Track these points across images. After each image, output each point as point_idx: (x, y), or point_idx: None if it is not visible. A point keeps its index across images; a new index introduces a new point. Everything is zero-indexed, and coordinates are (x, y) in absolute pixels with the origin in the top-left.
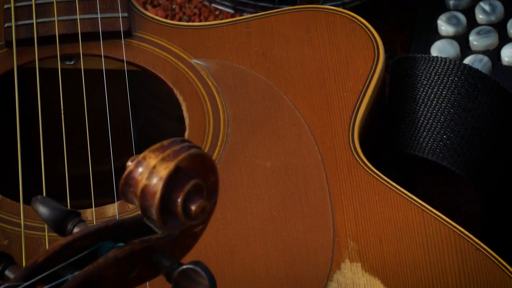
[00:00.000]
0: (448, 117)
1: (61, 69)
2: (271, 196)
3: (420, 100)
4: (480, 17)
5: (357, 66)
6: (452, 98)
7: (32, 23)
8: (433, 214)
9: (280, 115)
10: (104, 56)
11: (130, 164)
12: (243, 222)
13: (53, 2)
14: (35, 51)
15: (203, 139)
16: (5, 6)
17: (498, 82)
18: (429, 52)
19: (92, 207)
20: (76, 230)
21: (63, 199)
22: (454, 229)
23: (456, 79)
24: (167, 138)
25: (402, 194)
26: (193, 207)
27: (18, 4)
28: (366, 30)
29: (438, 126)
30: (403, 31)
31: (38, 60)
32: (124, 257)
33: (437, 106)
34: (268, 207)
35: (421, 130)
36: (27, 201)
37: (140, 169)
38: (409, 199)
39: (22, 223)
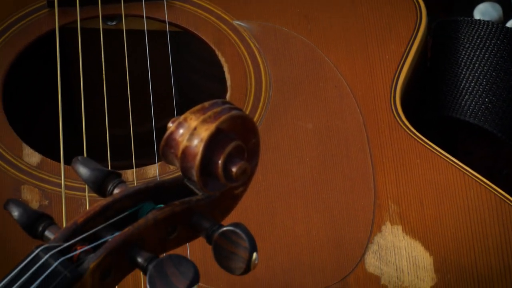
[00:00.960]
0: (490, 80)
1: (102, 29)
2: (312, 158)
3: (462, 63)
4: None
5: (399, 29)
6: (494, 61)
7: None
8: (474, 177)
9: (322, 77)
10: (146, 17)
11: (171, 125)
12: (284, 184)
13: None
14: (77, 11)
15: (244, 101)
16: None
17: None
18: (471, 15)
19: (132, 168)
20: (116, 191)
21: (104, 160)
22: (495, 192)
23: (498, 42)
24: (208, 100)
25: (444, 157)
26: (233, 169)
27: None
28: None
29: (480, 89)
30: None
31: (80, 20)
32: (164, 219)
33: (479, 70)
34: (309, 169)
35: (463, 93)
36: (67, 162)
37: (181, 131)
38: (450, 162)
39: (62, 183)
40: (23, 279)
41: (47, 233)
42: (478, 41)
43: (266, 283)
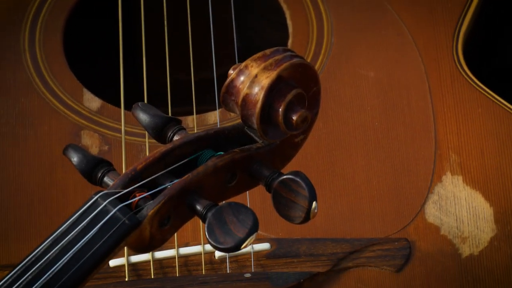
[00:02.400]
0: None
1: None
2: (373, 107)
3: None
4: None
5: None
6: None
7: None
8: None
9: (384, 25)
10: None
11: (231, 72)
12: (344, 132)
13: None
14: None
15: (306, 48)
16: None
17: None
18: None
19: (193, 114)
20: (176, 137)
21: (164, 106)
22: None
23: None
24: (269, 47)
25: (505, 107)
26: (294, 117)
27: None
28: None
29: None
30: None
31: None
32: (224, 166)
33: None
34: (370, 117)
35: None
36: (128, 107)
37: (242, 78)
38: None
39: (122, 129)
40: (81, 225)
41: (106, 179)
42: None
43: (326, 231)
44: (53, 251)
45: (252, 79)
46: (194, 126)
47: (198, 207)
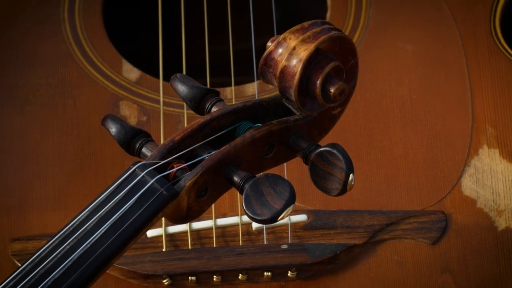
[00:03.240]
0: None
1: None
2: (411, 80)
3: None
4: None
5: None
6: None
7: None
8: None
9: None
10: None
11: (270, 44)
12: (382, 105)
13: None
14: None
15: (344, 21)
16: None
17: None
18: None
19: (231, 85)
20: (214, 109)
21: (203, 77)
22: None
23: None
24: (308, 19)
25: None
26: (332, 89)
27: None
28: None
29: None
30: None
31: None
32: (262, 138)
33: None
34: (408, 90)
35: None
36: (166, 78)
37: (280, 50)
38: None
39: (161, 100)
40: (119, 195)
41: (144, 150)
42: None
43: (362, 203)
44: (91, 221)
45: (290, 52)
46: (232, 98)
47: (236, 179)
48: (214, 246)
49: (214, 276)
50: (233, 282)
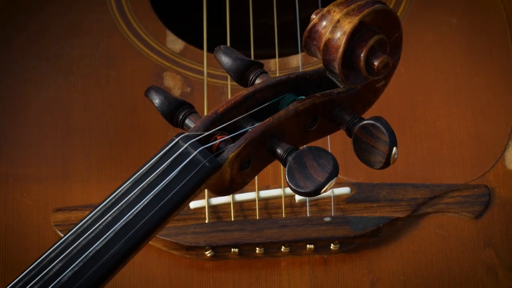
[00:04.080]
0: None
1: None
2: (455, 53)
3: None
4: None
5: None
6: None
7: None
8: None
9: None
10: None
11: (314, 17)
12: (426, 78)
13: None
14: None
15: None
16: None
17: None
18: None
19: (275, 57)
20: (258, 81)
21: (247, 49)
22: None
23: None
24: None
25: None
26: (375, 62)
27: None
28: None
29: None
30: None
31: None
32: (305, 110)
33: None
34: (452, 64)
35: None
36: (211, 49)
37: (324, 23)
38: None
39: (205, 71)
40: (162, 167)
41: (187, 121)
42: None
43: (405, 176)
44: (133, 193)
45: (334, 24)
46: (276, 70)
47: (279, 151)
48: (257, 218)
49: (257, 248)
50: (276, 255)
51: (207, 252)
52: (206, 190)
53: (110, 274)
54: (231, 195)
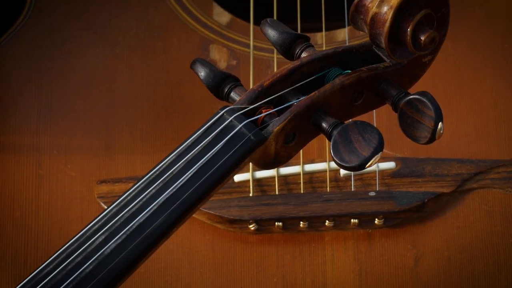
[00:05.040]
0: None
1: None
2: (503, 29)
3: None
4: None
5: None
6: None
7: None
8: None
9: None
10: None
11: None
12: (472, 53)
13: None
14: None
15: None
16: None
17: None
18: None
19: (322, 31)
20: (304, 54)
21: (293, 22)
22: None
23: None
24: None
25: None
26: (422, 37)
27: None
28: None
29: None
30: None
31: None
32: (351, 84)
33: None
34: (500, 40)
35: None
36: (257, 22)
37: None
38: None
39: (251, 44)
40: (207, 140)
41: (232, 94)
42: None
43: (451, 151)
44: (177, 165)
45: None
46: (323, 43)
47: (324, 125)
48: (301, 192)
49: (301, 222)
50: (320, 229)
51: (251, 226)
52: (250, 164)
53: (153, 247)
54: (275, 168)
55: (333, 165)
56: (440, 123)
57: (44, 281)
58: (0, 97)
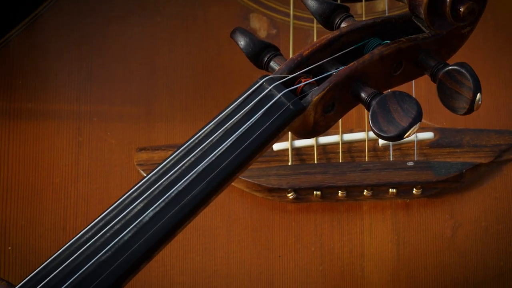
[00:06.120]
0: None
1: None
2: None
3: None
4: None
5: None
6: None
7: None
8: None
9: None
10: None
11: None
12: None
13: None
14: None
15: None
16: None
17: None
18: None
19: (361, 1)
20: (343, 24)
21: None
22: None
23: None
24: None
25: None
26: (461, 8)
27: None
28: None
29: None
30: None
31: None
32: (390, 55)
33: None
34: None
35: None
36: None
37: None
38: None
39: (291, 13)
40: (246, 109)
41: (272, 63)
42: None
43: (489, 122)
44: (217, 134)
45: None
46: (363, 13)
47: (363, 95)
48: (340, 161)
49: (339, 192)
50: (358, 198)
51: (289, 194)
52: (289, 133)
53: (192, 215)
54: (314, 138)
55: (371, 134)
56: (478, 94)
57: (83, 248)
58: (40, 65)
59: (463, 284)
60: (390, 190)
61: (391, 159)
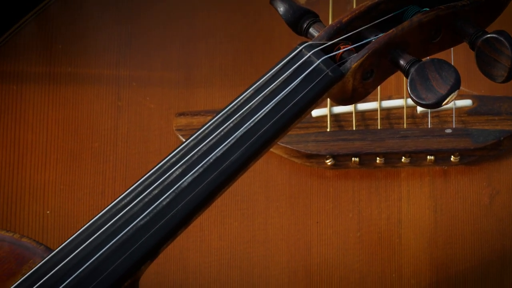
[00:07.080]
0: None
1: None
2: None
3: None
4: None
5: None
6: None
7: None
8: None
9: None
10: None
11: None
12: None
13: None
14: None
15: None
16: None
17: None
18: None
19: None
20: None
21: None
22: None
23: None
24: None
25: None
26: None
27: None
28: None
29: None
30: None
31: None
32: (429, 22)
33: None
34: None
35: None
36: None
37: None
38: None
39: None
40: (285, 75)
41: (311, 30)
42: None
43: None
44: (256, 99)
45: None
46: None
47: (401, 62)
48: (378, 128)
49: (377, 158)
50: (396, 165)
51: (327, 161)
52: (328, 99)
53: (230, 180)
54: (353, 104)
55: (410, 101)
56: None
57: (122, 213)
58: (79, 30)
59: (501, 251)
60: (428, 157)
61: (429, 126)
